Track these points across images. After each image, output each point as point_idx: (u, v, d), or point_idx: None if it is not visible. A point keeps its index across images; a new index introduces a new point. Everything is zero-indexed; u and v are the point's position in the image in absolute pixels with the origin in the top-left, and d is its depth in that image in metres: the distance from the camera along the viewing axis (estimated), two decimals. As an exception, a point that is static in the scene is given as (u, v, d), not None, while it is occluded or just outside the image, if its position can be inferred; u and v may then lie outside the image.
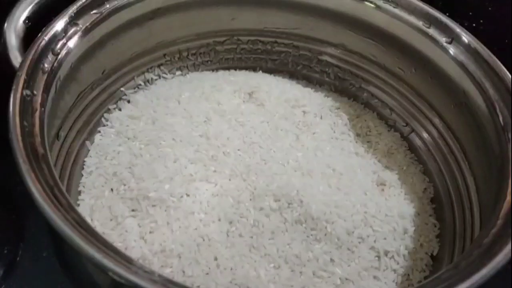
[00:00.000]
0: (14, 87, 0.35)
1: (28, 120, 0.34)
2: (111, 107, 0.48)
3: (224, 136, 0.45)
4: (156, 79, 0.52)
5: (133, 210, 0.40)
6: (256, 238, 0.39)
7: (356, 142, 0.49)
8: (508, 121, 0.40)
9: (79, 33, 0.41)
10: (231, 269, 0.38)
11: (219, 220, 0.40)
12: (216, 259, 0.38)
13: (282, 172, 0.43)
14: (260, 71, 0.56)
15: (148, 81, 0.52)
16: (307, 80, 0.56)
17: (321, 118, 0.49)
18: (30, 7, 0.41)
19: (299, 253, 0.39)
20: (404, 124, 0.52)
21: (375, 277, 0.40)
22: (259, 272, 0.38)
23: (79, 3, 0.42)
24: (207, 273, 0.37)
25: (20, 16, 0.41)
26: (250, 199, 0.40)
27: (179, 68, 0.54)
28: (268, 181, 0.42)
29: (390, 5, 0.48)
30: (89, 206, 0.41)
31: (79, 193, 0.42)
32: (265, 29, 0.54)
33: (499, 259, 0.31)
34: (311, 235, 0.40)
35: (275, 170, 0.43)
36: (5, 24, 0.40)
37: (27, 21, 0.41)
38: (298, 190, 0.41)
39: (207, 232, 0.39)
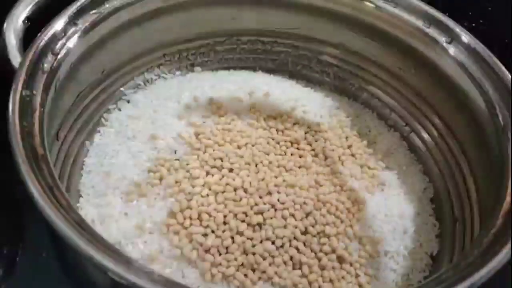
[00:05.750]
0: (13, 87, 0.35)
1: (27, 120, 0.34)
2: (110, 107, 0.48)
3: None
4: (155, 79, 0.52)
5: (133, 210, 0.40)
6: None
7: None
8: (508, 121, 0.40)
9: (79, 33, 0.41)
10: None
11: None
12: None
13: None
14: (260, 71, 0.56)
15: (147, 81, 0.52)
16: (307, 80, 0.56)
17: (320, 117, 0.49)
18: (29, 7, 0.41)
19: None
20: (404, 124, 0.52)
21: (375, 277, 0.40)
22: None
23: (78, 3, 0.42)
24: (206, 274, 0.37)
25: (20, 16, 0.41)
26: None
27: (179, 68, 0.54)
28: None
29: (390, 5, 0.48)
30: (88, 206, 0.41)
31: (79, 192, 0.43)
32: (265, 29, 0.54)
33: (499, 259, 0.31)
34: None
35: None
36: (5, 24, 0.40)
37: (26, 21, 0.41)
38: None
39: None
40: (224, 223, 0.39)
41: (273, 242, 0.38)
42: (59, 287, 0.41)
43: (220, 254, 0.38)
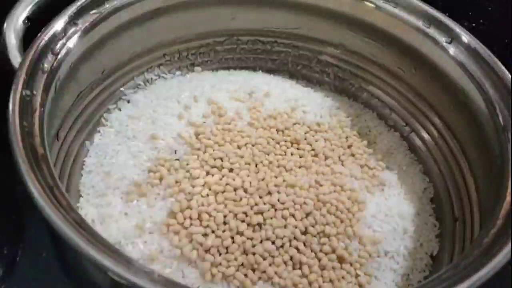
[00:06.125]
0: (13, 87, 0.35)
1: (27, 120, 0.34)
2: (110, 107, 0.48)
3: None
4: (155, 79, 0.52)
5: (133, 210, 0.40)
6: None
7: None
8: (508, 121, 0.40)
9: (79, 33, 0.41)
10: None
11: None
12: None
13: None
14: (260, 71, 0.56)
15: (147, 81, 0.52)
16: (307, 80, 0.56)
17: (320, 117, 0.50)
18: (29, 7, 0.41)
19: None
20: (404, 124, 0.52)
21: (375, 277, 0.40)
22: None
23: (78, 3, 0.42)
24: (206, 273, 0.37)
25: (20, 16, 0.41)
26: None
27: (179, 68, 0.54)
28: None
29: (390, 5, 0.48)
30: (88, 206, 0.41)
31: (79, 192, 0.43)
32: (265, 29, 0.54)
33: (499, 259, 0.31)
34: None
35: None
36: (5, 24, 0.40)
37: (26, 21, 0.41)
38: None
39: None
40: (224, 223, 0.39)
41: (273, 242, 0.38)
42: (59, 287, 0.41)
43: (220, 254, 0.38)
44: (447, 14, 0.46)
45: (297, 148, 0.46)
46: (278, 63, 0.56)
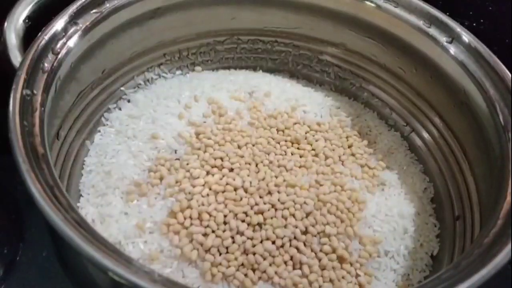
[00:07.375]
0: (14, 86, 0.35)
1: (28, 120, 0.34)
2: (111, 106, 0.48)
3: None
4: (156, 79, 0.52)
5: (133, 210, 0.40)
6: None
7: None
8: (508, 121, 0.40)
9: (79, 33, 0.41)
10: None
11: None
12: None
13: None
14: (260, 71, 0.56)
15: (148, 80, 0.52)
16: (307, 79, 0.56)
17: (321, 117, 0.50)
18: (30, 7, 0.41)
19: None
20: (404, 124, 0.52)
21: (375, 277, 0.40)
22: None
23: (79, 3, 0.42)
24: (207, 273, 0.37)
25: (20, 15, 0.41)
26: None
27: (179, 68, 0.54)
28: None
29: (391, 4, 0.48)
30: (88, 206, 0.41)
31: (79, 192, 0.43)
32: (265, 29, 0.54)
33: (499, 259, 0.31)
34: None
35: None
36: (5, 24, 0.40)
37: (27, 21, 0.41)
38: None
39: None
40: (225, 223, 0.39)
41: (273, 242, 0.38)
42: (59, 287, 0.41)
43: (220, 254, 0.38)
44: (447, 13, 0.46)
45: (298, 148, 0.46)
46: (278, 63, 0.56)
